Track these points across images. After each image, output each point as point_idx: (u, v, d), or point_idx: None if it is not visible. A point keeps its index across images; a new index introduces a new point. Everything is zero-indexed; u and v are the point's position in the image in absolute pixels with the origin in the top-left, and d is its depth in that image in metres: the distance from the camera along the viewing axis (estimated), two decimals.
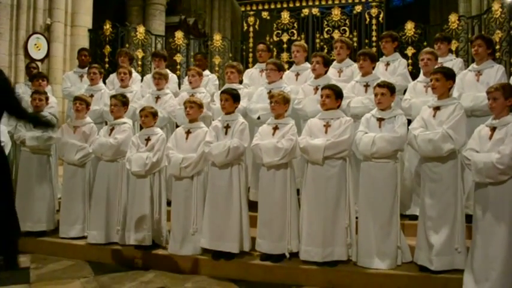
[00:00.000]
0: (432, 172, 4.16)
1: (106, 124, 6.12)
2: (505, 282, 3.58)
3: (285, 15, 9.11)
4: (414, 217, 4.76)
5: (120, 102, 5.31)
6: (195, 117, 4.98)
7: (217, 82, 6.92)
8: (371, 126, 4.44)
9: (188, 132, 4.91)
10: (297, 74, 6.10)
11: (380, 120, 4.42)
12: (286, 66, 7.28)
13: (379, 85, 4.49)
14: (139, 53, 9.30)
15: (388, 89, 4.43)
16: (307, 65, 6.01)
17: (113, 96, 5.42)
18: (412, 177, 4.95)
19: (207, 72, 6.95)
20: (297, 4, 9.17)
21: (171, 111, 6.01)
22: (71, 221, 5.32)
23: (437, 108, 4.27)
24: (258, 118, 5.41)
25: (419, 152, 4.29)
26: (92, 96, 6.19)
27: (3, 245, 2.62)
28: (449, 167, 4.11)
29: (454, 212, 4.07)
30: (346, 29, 8.83)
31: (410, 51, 8.08)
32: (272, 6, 9.33)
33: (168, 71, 6.90)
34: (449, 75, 4.29)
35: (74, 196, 5.36)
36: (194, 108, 4.93)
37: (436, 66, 4.98)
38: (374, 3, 8.68)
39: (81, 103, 5.49)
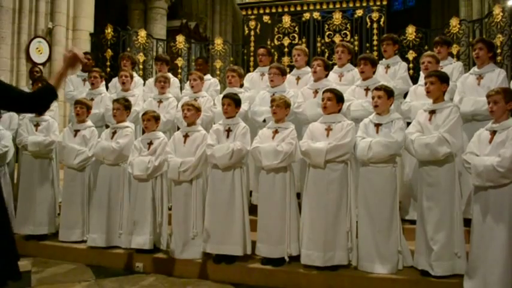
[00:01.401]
0: (429, 176, 4.16)
1: (107, 128, 6.13)
2: (504, 286, 3.57)
3: (286, 19, 9.12)
4: (415, 222, 4.75)
5: (123, 106, 5.32)
6: (193, 120, 4.98)
7: (218, 87, 6.92)
8: (369, 132, 4.44)
9: (186, 136, 4.92)
10: (298, 78, 6.10)
11: (377, 125, 4.42)
12: (287, 70, 7.29)
13: (376, 88, 4.50)
14: (141, 57, 9.32)
15: (385, 92, 4.43)
16: (308, 69, 6.01)
17: (115, 100, 5.42)
18: (412, 182, 4.94)
19: (208, 76, 6.96)
20: (298, 8, 9.17)
21: (179, 117, 5.96)
22: (71, 225, 5.33)
23: (432, 112, 4.27)
24: (264, 121, 5.41)
25: (416, 157, 4.29)
26: (92, 100, 6.20)
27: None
28: (446, 170, 4.11)
29: (452, 216, 4.06)
30: (347, 33, 8.82)
31: (411, 55, 8.09)
32: (273, 10, 9.34)
33: (170, 74, 6.92)
34: (443, 79, 4.29)
35: (73, 200, 5.37)
36: (192, 112, 4.93)
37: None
38: (375, 7, 8.68)
39: (82, 107, 5.50)
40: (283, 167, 4.50)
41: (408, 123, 4.57)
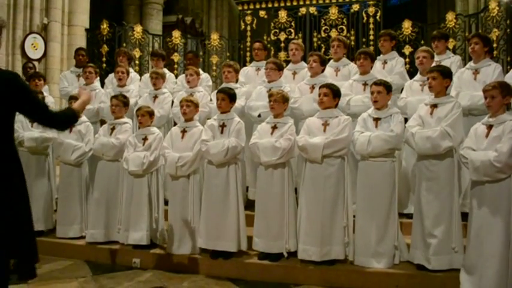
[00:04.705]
0: (429, 170, 4.15)
1: (101, 123, 6.11)
2: (500, 280, 3.57)
3: (283, 14, 9.10)
4: (412, 216, 4.76)
5: (121, 102, 5.32)
6: (191, 116, 4.97)
7: (210, 82, 6.88)
8: (368, 126, 4.44)
9: (184, 131, 4.91)
10: (294, 73, 6.10)
11: (376, 120, 4.42)
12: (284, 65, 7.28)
13: (375, 83, 4.50)
14: (137, 53, 9.29)
15: (385, 88, 4.44)
16: (304, 64, 6.01)
17: (113, 97, 5.42)
18: (409, 176, 4.94)
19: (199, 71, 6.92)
20: (295, 3, 9.16)
21: (176, 113, 5.95)
22: (69, 221, 5.32)
23: (434, 106, 4.26)
24: (259, 116, 5.40)
25: (416, 150, 4.26)
26: None
27: (17, 248, 2.58)
28: (447, 165, 4.10)
29: (450, 211, 4.06)
30: (344, 27, 8.82)
31: (407, 49, 8.09)
32: (269, 5, 9.32)
33: (165, 70, 6.89)
34: (446, 74, 4.28)
35: (70, 196, 5.36)
36: (191, 108, 4.92)
37: (432, 65, 5.00)
38: (371, 2, 8.68)
39: None
40: (281, 163, 4.50)
41: (404, 120, 4.57)
